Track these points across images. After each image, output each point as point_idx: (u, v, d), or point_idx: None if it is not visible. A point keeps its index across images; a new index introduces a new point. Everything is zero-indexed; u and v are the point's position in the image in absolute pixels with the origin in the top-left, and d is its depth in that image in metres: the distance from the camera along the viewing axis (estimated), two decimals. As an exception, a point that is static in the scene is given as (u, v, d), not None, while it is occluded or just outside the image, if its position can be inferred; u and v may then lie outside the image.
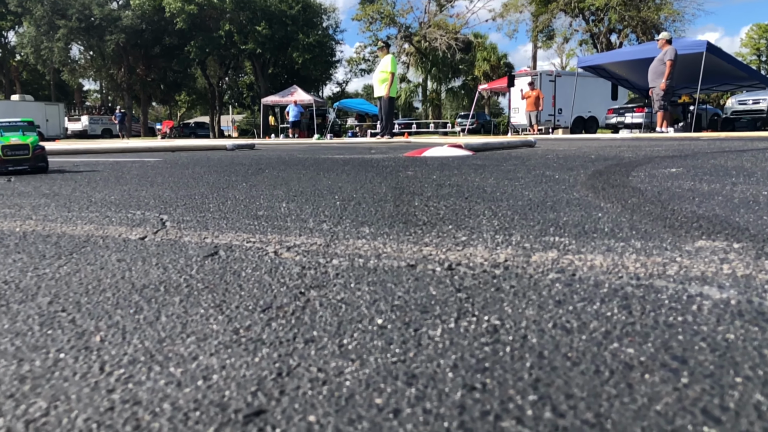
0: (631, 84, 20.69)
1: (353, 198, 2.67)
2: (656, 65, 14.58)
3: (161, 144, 12.85)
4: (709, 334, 0.87)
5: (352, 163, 5.39)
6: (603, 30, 34.38)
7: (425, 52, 38.89)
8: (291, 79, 39.75)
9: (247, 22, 36.97)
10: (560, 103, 27.08)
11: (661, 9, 32.50)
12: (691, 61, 15.95)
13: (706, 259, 1.33)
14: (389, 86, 15.48)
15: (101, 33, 37.62)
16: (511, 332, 0.90)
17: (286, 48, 38.33)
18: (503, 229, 1.81)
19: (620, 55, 20.95)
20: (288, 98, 31.68)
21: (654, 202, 2.30)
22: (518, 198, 2.54)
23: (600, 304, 1.03)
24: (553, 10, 34.03)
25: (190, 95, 52.82)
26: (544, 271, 1.27)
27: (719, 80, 18.87)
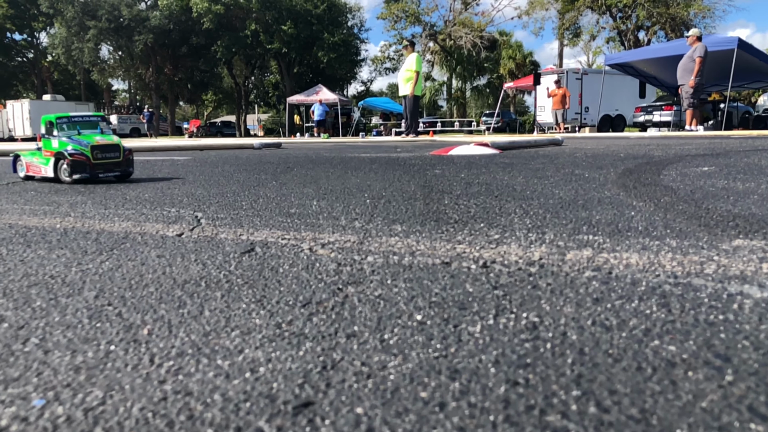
0: (660, 82, 20.38)
1: (383, 196, 2.68)
2: (686, 62, 14.33)
3: (189, 143, 13.02)
4: (752, 333, 0.87)
5: (379, 161, 5.41)
6: (631, 27, 33.85)
7: (450, 51, 38.74)
8: (316, 78, 39.92)
9: (272, 22, 37.21)
10: (587, 102, 26.76)
11: (691, 5, 31.90)
12: (722, 58, 15.65)
13: (744, 258, 1.32)
14: (414, 85, 15.46)
15: (130, 33, 38.21)
16: (551, 329, 0.91)
17: (312, 47, 38.48)
18: (536, 227, 1.81)
19: (649, 53, 20.62)
20: (313, 97, 31.83)
21: (687, 200, 2.27)
22: (549, 196, 2.53)
23: (638, 302, 1.03)
24: (579, 8, 33.61)
25: (217, 94, 53.37)
26: (580, 269, 1.27)
27: (751, 77, 18.48)
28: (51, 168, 3.67)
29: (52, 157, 3.67)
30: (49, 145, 3.72)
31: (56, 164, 3.66)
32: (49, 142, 3.72)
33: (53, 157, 3.66)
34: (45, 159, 3.74)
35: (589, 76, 27.00)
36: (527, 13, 36.06)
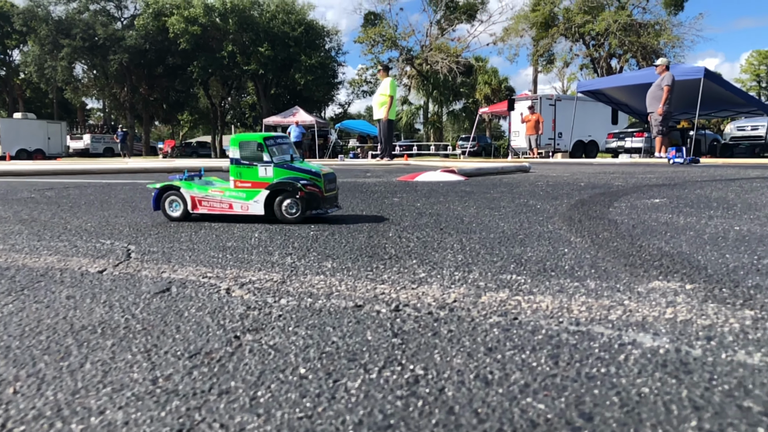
0: (631, 109, 20.80)
1: (331, 228, 2.67)
2: (654, 90, 14.68)
3: (159, 165, 12.90)
4: (625, 388, 0.86)
5: (343, 187, 5.40)
6: (603, 55, 34.62)
7: (426, 75, 39.16)
8: (293, 99, 40.04)
9: (249, 43, 37.34)
10: (560, 127, 27.20)
11: (661, 35, 32.76)
12: (690, 86, 16.05)
13: (653, 301, 1.33)
14: (388, 109, 15.59)
15: (105, 52, 38.02)
16: (431, 384, 0.90)
17: (289, 69, 38.66)
18: (466, 264, 1.81)
19: (619, 80, 21.07)
20: (290, 119, 31.89)
21: (625, 236, 2.29)
22: (492, 230, 2.54)
23: (530, 352, 1.02)
24: (553, 35, 34.31)
25: (193, 115, 53.16)
26: (488, 314, 1.27)
27: (718, 106, 18.95)
28: (260, 203, 2.83)
29: (264, 190, 2.84)
30: (253, 175, 2.85)
31: (271, 198, 2.85)
32: (253, 170, 2.85)
33: (265, 189, 2.83)
34: (244, 192, 2.87)
35: (563, 102, 27.48)
36: (502, 40, 36.69)
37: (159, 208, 2.96)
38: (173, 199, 2.93)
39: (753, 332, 1.10)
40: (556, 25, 34.16)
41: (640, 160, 14.40)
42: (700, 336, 1.08)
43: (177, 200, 2.93)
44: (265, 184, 2.84)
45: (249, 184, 2.86)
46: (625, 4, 33.82)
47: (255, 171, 2.85)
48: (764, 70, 61.80)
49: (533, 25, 34.55)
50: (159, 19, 36.98)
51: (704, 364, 0.94)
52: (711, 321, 1.17)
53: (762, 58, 61.53)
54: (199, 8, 35.88)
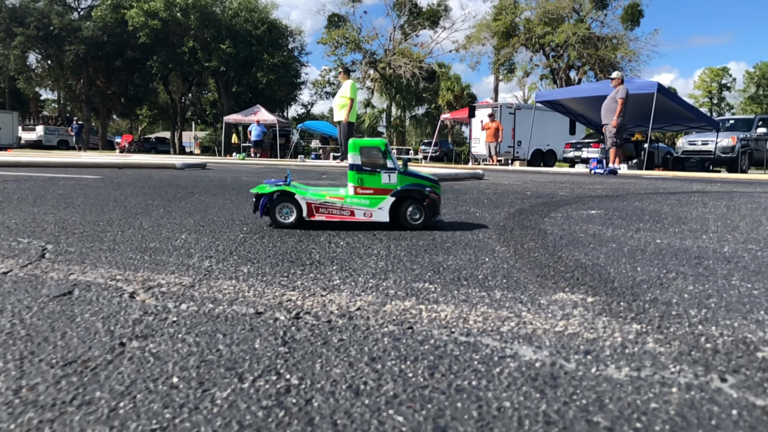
0: (587, 120, 21.27)
1: (261, 231, 2.65)
2: (609, 103, 15.04)
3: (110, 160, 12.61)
4: (489, 401, 0.88)
5: (290, 189, 5.37)
6: (563, 66, 35.33)
7: (390, 79, 39.30)
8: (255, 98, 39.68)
9: (211, 40, 36.86)
10: (519, 136, 27.61)
11: (618, 49, 33.61)
12: (644, 100, 16.50)
13: (550, 314, 1.36)
14: (348, 111, 15.60)
15: (60, 42, 37.00)
16: (300, 394, 0.90)
17: (251, 67, 38.29)
18: (383, 272, 1.81)
19: (576, 92, 21.52)
20: (251, 117, 31.61)
21: (548, 247, 2.34)
22: (423, 237, 2.56)
23: (410, 363, 1.03)
24: (514, 45, 34.85)
25: (152, 110, 52.16)
26: (385, 323, 1.27)
27: (670, 120, 19.53)
28: (385, 210, 2.76)
29: (389, 197, 2.76)
30: (375, 181, 2.76)
31: (397, 205, 2.78)
32: (376, 176, 2.77)
33: (390, 196, 2.76)
34: (368, 199, 2.77)
35: (522, 111, 27.91)
36: (465, 47, 37.10)
37: (266, 215, 2.78)
38: (285, 205, 2.76)
39: (631, 346, 1.13)
40: (517, 35, 34.73)
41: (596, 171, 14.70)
42: (580, 350, 1.11)
43: (290, 207, 2.76)
44: (387, 190, 2.77)
45: (371, 190, 2.77)
46: (584, 18, 34.62)
47: (378, 178, 2.77)
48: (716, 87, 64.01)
49: (495, 34, 35.04)
50: (118, 11, 36.20)
51: (572, 379, 0.97)
52: (597, 335, 1.21)
53: (714, 75, 63.72)
54: (160, 2, 35.25)
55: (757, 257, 2.12)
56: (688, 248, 2.32)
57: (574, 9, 35.41)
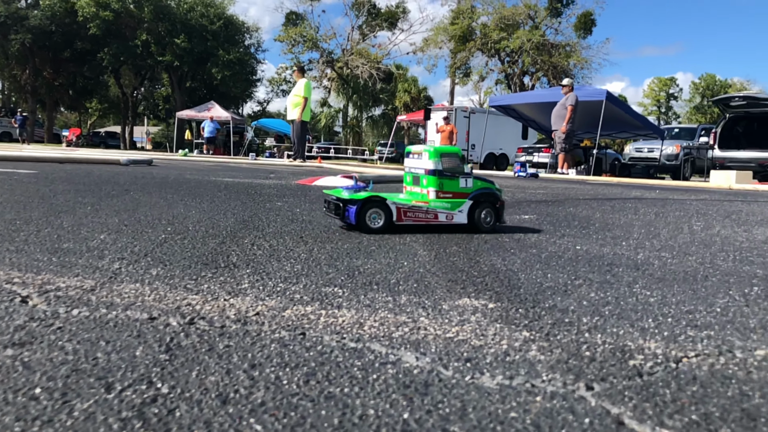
0: (538, 125, 21.67)
1: (185, 231, 2.60)
2: (559, 109, 15.37)
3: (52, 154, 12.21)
4: (354, 409, 0.88)
5: (234, 188, 5.30)
6: (517, 72, 35.93)
7: (347, 79, 39.25)
8: (210, 94, 39.08)
9: (165, 34, 36.10)
10: (474, 139, 27.95)
11: (571, 56, 34.39)
12: (593, 107, 16.91)
13: (447, 319, 1.38)
14: (302, 110, 15.52)
15: (5, 31, 35.64)
16: (166, 404, 0.88)
17: (206, 63, 37.66)
18: (296, 275, 1.81)
19: (528, 97, 21.93)
20: (204, 113, 31.17)
21: (469, 252, 2.37)
22: (351, 239, 2.56)
23: (290, 370, 1.03)
24: (470, 49, 35.26)
25: (102, 103, 50.70)
26: (279, 328, 1.27)
27: (618, 128, 20.07)
28: (464, 213, 2.91)
29: (467, 200, 2.92)
30: (454, 186, 2.91)
31: (474, 209, 2.93)
32: (455, 181, 2.91)
33: (468, 199, 2.92)
34: (449, 203, 2.90)
35: (477, 115, 28.26)
36: (422, 50, 37.35)
37: (360, 222, 2.76)
38: (375, 210, 2.79)
39: (514, 354, 1.15)
40: (474, 40, 35.15)
41: (543, 175, 15.00)
42: (462, 357, 1.13)
43: (378, 212, 2.80)
44: (464, 194, 2.93)
45: (450, 194, 2.91)
46: (538, 25, 35.30)
47: (457, 182, 2.92)
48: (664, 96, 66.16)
49: (452, 37, 35.38)
50: (67, 0, 35.07)
51: (444, 387, 0.98)
52: (484, 342, 1.23)
53: (662, 84, 65.86)
54: (112, -8, 34.35)
55: (666, 265, 2.19)
56: (604, 255, 2.38)
57: (530, 16, 36.07)
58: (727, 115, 17.39)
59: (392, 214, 2.81)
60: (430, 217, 2.89)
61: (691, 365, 1.10)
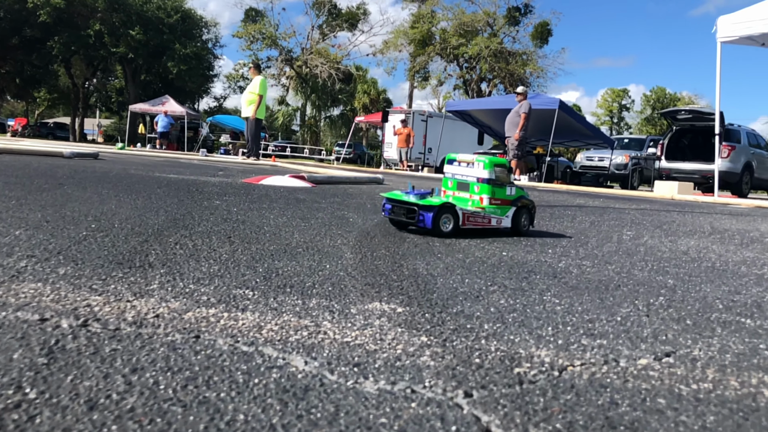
0: (493, 131, 21.98)
1: (109, 229, 2.54)
2: (512, 117, 15.62)
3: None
4: (224, 414, 0.87)
5: (176, 185, 5.20)
6: (475, 78, 36.38)
7: (306, 78, 39.03)
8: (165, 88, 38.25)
9: (120, 25, 35.18)
10: (430, 143, 28.16)
11: (527, 64, 35.01)
12: (546, 116, 17.25)
13: (350, 323, 1.38)
14: (256, 108, 15.36)
15: (-51, 15, 34.19)
16: (29, 410, 0.86)
17: (161, 56, 36.87)
18: (211, 276, 1.78)
19: (484, 104, 22.24)
20: (158, 108, 30.63)
21: (396, 256, 2.38)
22: (280, 240, 2.54)
23: (171, 375, 1.01)
24: (430, 53, 35.53)
25: (52, 93, 49.06)
26: (173, 331, 1.25)
27: (570, 136, 20.53)
28: (509, 218, 3.25)
29: (512, 206, 3.26)
30: (503, 193, 3.24)
31: (517, 213, 3.27)
32: (503, 189, 3.25)
33: (512, 206, 3.26)
34: (499, 209, 3.22)
35: (434, 119, 28.49)
36: (381, 52, 37.44)
37: (434, 226, 2.95)
38: (446, 216, 2.99)
39: (405, 359, 1.16)
40: (433, 44, 35.43)
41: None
42: (352, 361, 1.13)
43: (449, 217, 3.00)
44: (509, 201, 3.25)
45: (499, 201, 3.21)
46: (497, 32, 35.83)
47: (504, 190, 3.25)
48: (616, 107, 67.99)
49: (411, 41, 35.58)
50: (17, -15, 33.86)
51: (324, 391, 0.98)
52: (380, 346, 1.23)
53: (615, 96, 67.67)
54: (65, -20, 33.29)
55: (583, 273, 2.25)
56: (527, 262, 2.43)
57: (489, 23, 36.57)
58: (674, 128, 17.99)
59: (459, 219, 3.03)
60: (485, 222, 3.15)
61: (573, 374, 1.13)
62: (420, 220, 2.94)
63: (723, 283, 2.19)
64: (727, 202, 9.84)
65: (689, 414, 0.97)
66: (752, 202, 10.14)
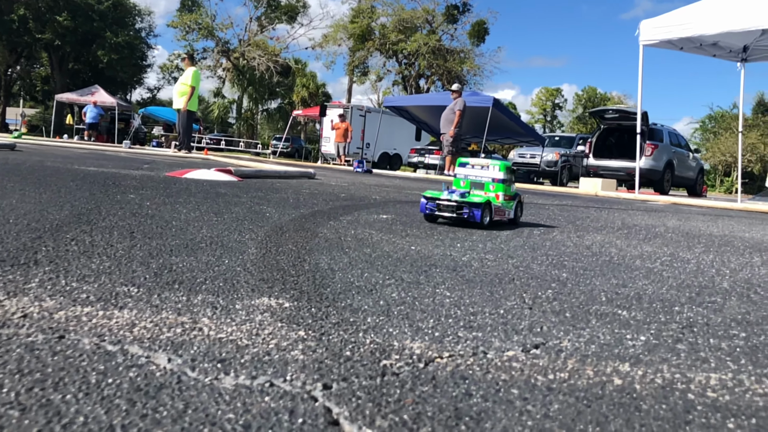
0: (429, 127, 22.23)
1: (2, 225, 2.42)
2: (447, 113, 15.85)
3: None
4: (63, 415, 0.85)
5: (93, 178, 5.01)
6: (413, 74, 36.65)
7: (243, 70, 38.34)
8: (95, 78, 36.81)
9: (46, 10, 33.62)
10: (368, 138, 28.22)
11: (465, 62, 35.53)
12: (480, 113, 17.58)
13: (230, 319, 1.36)
14: (188, 99, 15.03)
15: None
16: None
17: (91, 44, 35.49)
18: (99, 273, 1.73)
19: (421, 100, 22.47)
20: (87, 98, 29.57)
21: (301, 251, 2.37)
22: (186, 236, 2.49)
23: (20, 375, 0.97)
24: (369, 48, 35.56)
25: (-30, 80, 46.34)
26: (37, 331, 1.20)
27: (503, 134, 21.01)
28: (512, 210, 3.92)
29: (514, 201, 3.96)
30: (509, 190, 3.90)
31: (517, 206, 3.99)
32: (509, 186, 3.91)
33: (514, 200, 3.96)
34: (509, 203, 3.89)
35: (372, 115, 28.55)
36: (321, 46, 37.20)
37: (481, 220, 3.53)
38: (487, 210, 3.58)
39: (276, 353, 1.16)
40: (372, 40, 35.48)
41: (425, 176, 15.40)
42: (219, 357, 1.12)
43: (488, 211, 3.60)
44: (512, 197, 3.93)
45: (508, 197, 3.86)
46: (435, 29, 36.20)
47: (510, 188, 3.90)
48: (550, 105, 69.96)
49: (351, 36, 35.51)
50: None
51: (179, 388, 0.97)
52: (254, 341, 1.23)
53: (549, 94, 69.62)
54: (-15, -39, 31.52)
55: (483, 267, 2.30)
56: (432, 256, 2.47)
57: (428, 20, 36.88)
58: (601, 127, 18.67)
59: (492, 212, 3.65)
60: (502, 214, 3.80)
61: (438, 366, 1.16)
62: (470, 215, 3.50)
63: (614, 276, 2.29)
64: (646, 199, 10.29)
65: (536, 403, 1.00)
66: (669, 199, 10.65)
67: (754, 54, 11.02)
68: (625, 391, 1.09)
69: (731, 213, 8.04)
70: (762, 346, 1.44)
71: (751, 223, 6.07)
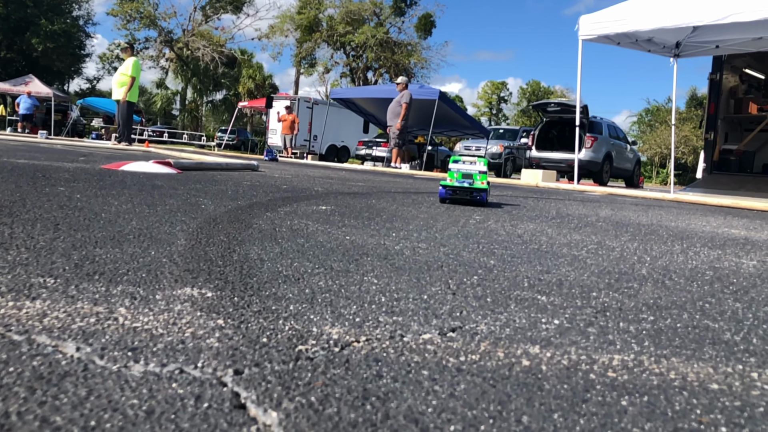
0: (376, 120, 22.27)
1: None
2: (394, 106, 15.91)
3: None
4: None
5: (22, 170, 4.82)
6: (361, 66, 36.59)
7: (187, 61, 37.44)
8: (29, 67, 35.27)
9: (-26, -5, 31.98)
10: (316, 130, 28.08)
11: (412, 55, 35.71)
12: (426, 106, 17.73)
13: (148, 309, 1.35)
14: (128, 90, 14.63)
15: None
16: None
17: (25, 32, 33.95)
18: (16, 265, 1.67)
19: (367, 92, 22.46)
20: (21, 88, 28.43)
21: (232, 242, 2.35)
22: (114, 227, 2.43)
23: None
24: (316, 40, 35.31)
25: None
26: (-61, 323, 1.16)
27: (449, 126, 21.24)
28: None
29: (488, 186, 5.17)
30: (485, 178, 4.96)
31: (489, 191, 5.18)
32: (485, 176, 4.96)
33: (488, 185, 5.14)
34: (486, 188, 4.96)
35: (320, 107, 28.42)
36: (267, 37, 36.69)
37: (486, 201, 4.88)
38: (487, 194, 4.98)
39: (191, 341, 1.16)
40: (320, 31, 35.24)
41: (373, 168, 15.43)
42: (130, 346, 1.11)
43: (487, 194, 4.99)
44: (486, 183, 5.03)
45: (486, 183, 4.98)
46: (383, 22, 36.24)
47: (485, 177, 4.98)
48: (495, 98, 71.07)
49: (298, 27, 35.18)
50: None
51: (84, 377, 0.95)
52: (170, 330, 1.22)
53: (494, 88, 70.72)
54: None
55: (415, 255, 2.34)
56: (365, 245, 2.49)
57: (375, 13, 36.87)
58: (544, 119, 19.10)
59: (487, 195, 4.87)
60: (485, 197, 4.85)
61: (354, 349, 1.18)
62: (481, 199, 4.78)
63: (539, 263, 2.36)
64: (584, 189, 10.60)
65: (444, 384, 1.03)
66: (606, 190, 11.00)
67: (686, 50, 11.47)
68: (531, 372, 1.13)
69: (663, 203, 8.37)
70: (666, 329, 1.52)
71: (679, 213, 6.34)
